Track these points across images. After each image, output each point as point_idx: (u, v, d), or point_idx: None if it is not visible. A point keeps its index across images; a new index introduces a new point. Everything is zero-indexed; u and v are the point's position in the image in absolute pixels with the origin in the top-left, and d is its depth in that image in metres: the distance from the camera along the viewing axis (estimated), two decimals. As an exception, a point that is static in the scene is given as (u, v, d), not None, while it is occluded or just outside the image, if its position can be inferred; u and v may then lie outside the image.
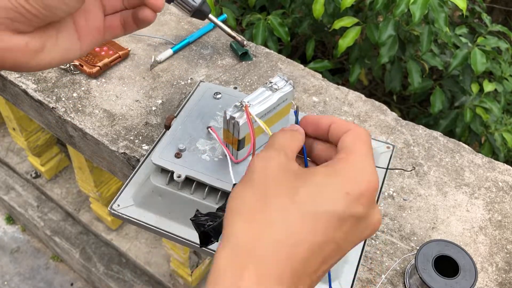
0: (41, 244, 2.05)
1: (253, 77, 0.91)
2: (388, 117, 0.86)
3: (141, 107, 0.85)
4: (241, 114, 0.54)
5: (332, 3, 1.49)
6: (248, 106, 0.53)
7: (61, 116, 0.84)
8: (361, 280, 0.65)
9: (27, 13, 0.39)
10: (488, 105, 1.57)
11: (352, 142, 0.38)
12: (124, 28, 0.50)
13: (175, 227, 0.66)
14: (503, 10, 2.40)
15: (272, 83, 0.56)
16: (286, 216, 0.34)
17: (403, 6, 1.27)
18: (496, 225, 0.72)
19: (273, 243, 0.33)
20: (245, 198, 0.36)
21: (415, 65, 1.52)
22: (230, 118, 0.54)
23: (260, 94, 0.55)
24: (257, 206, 0.35)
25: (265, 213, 0.34)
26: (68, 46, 0.46)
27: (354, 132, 0.39)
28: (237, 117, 0.54)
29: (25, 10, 0.39)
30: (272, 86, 0.55)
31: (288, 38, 1.52)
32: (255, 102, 0.54)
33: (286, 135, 0.41)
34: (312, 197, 0.35)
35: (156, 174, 0.65)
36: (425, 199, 0.74)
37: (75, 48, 0.47)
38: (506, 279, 0.66)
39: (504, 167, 0.80)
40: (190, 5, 0.52)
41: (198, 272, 1.52)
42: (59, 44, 0.45)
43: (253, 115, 0.52)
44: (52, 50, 0.44)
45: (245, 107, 0.53)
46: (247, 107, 0.53)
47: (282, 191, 0.35)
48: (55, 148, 1.86)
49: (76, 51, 0.47)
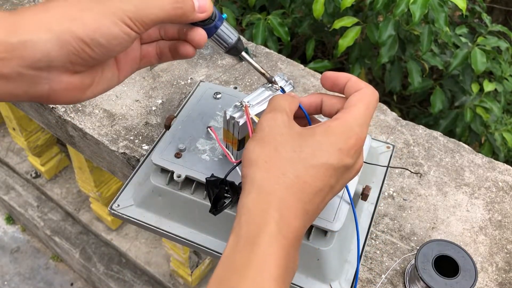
0: (41, 244, 2.05)
1: (253, 77, 0.91)
2: (388, 117, 0.86)
3: (141, 107, 0.85)
4: (241, 114, 0.54)
5: (332, 3, 1.49)
6: (248, 106, 0.53)
7: (61, 116, 0.84)
8: (361, 280, 0.65)
9: (87, 56, 0.43)
10: (488, 105, 1.57)
11: (355, 101, 0.47)
12: (159, 57, 0.53)
13: (175, 227, 0.66)
14: (503, 10, 2.40)
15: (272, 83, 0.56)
16: (294, 167, 0.43)
17: (403, 6, 1.27)
18: (496, 225, 0.72)
19: (287, 187, 0.42)
20: (260, 153, 0.44)
21: (415, 65, 1.51)
22: (230, 118, 0.54)
23: (260, 94, 0.55)
24: (271, 158, 0.44)
25: (278, 164, 0.43)
26: (110, 77, 0.50)
27: (362, 92, 0.47)
28: (237, 117, 0.54)
29: (86, 54, 0.42)
30: (272, 86, 0.55)
31: (288, 38, 1.52)
32: (255, 102, 0.54)
33: (285, 98, 0.49)
34: (313, 152, 0.44)
35: (156, 174, 0.65)
36: (425, 199, 0.74)
37: (115, 79, 0.50)
38: (506, 279, 0.66)
39: (504, 167, 0.80)
40: (227, 42, 0.53)
41: (198, 272, 1.51)
42: (103, 77, 0.48)
43: (253, 115, 0.52)
44: (98, 84, 0.48)
45: (245, 107, 0.53)
46: (247, 107, 0.53)
47: (289, 148, 0.44)
48: (55, 148, 1.86)
49: (115, 81, 0.51)
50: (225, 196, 0.52)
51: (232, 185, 0.52)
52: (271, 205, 0.42)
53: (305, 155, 0.44)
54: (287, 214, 0.42)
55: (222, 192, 0.52)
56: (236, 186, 0.52)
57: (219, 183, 0.51)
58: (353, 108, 0.46)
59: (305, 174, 0.43)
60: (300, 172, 0.43)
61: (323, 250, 0.59)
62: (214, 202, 0.52)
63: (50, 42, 0.41)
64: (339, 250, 0.62)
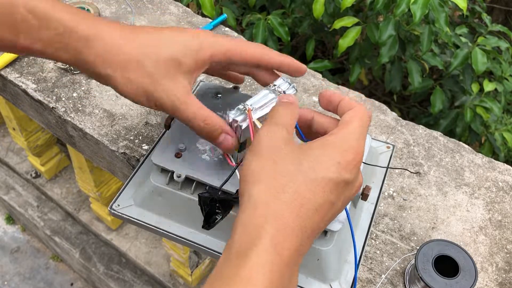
0: (41, 244, 2.05)
1: (253, 77, 0.91)
2: (388, 117, 0.86)
3: (141, 107, 0.85)
4: (244, 118, 0.53)
5: (332, 3, 1.49)
6: (251, 110, 0.53)
7: (61, 116, 0.84)
8: (361, 280, 0.65)
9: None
10: (488, 105, 1.57)
11: (350, 117, 0.47)
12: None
13: (175, 227, 0.66)
14: (503, 10, 2.40)
15: (276, 85, 0.55)
16: (294, 182, 0.42)
17: (404, 6, 1.27)
18: (496, 225, 0.72)
19: (286, 203, 0.41)
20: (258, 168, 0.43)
21: (415, 65, 1.51)
22: (232, 121, 0.54)
23: (263, 97, 0.54)
24: (270, 173, 0.42)
25: (277, 179, 0.42)
26: None
27: (355, 109, 0.48)
28: (240, 120, 0.54)
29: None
30: (275, 89, 0.55)
31: (288, 38, 1.52)
32: (258, 105, 0.53)
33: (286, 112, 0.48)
34: (312, 166, 0.42)
35: (156, 174, 0.65)
36: (425, 199, 0.74)
37: None
38: (506, 279, 0.66)
39: (504, 167, 0.80)
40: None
41: (198, 272, 1.51)
42: None
43: (255, 120, 0.52)
44: None
45: (248, 111, 0.52)
46: (250, 111, 0.52)
47: (288, 162, 0.43)
48: (55, 148, 1.86)
49: None
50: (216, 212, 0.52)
51: (223, 202, 0.51)
52: (267, 220, 0.40)
53: (304, 169, 0.42)
54: (283, 230, 0.40)
55: (214, 208, 0.51)
56: (229, 201, 0.51)
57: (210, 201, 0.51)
58: (349, 124, 0.46)
59: (304, 189, 0.42)
60: (299, 187, 0.42)
61: (323, 250, 0.59)
62: (206, 218, 0.51)
63: None
64: (339, 250, 0.62)
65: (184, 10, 1.06)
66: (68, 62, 0.52)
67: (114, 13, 1.04)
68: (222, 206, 0.51)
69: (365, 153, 0.65)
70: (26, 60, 0.92)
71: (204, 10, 1.34)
